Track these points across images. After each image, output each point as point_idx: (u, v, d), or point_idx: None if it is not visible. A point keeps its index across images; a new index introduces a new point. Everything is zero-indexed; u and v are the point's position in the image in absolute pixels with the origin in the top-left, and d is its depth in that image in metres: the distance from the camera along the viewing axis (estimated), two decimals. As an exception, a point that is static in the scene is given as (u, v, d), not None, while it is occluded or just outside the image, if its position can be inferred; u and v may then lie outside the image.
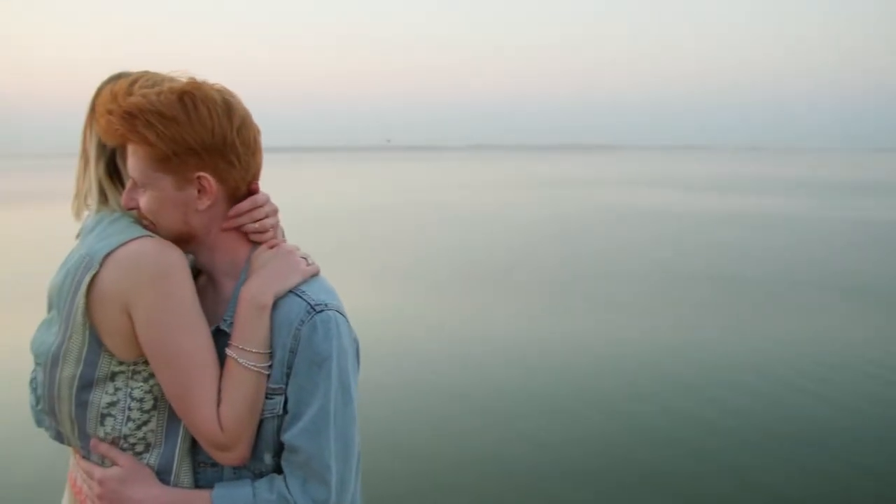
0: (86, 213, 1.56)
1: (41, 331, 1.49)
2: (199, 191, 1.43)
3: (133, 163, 1.42)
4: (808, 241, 17.06)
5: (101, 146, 1.52)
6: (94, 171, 1.53)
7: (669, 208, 24.61)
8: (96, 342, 1.40)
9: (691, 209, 24.25)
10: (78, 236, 1.53)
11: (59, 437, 1.51)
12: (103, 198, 1.52)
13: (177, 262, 1.40)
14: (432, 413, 6.05)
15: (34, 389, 1.52)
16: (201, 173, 1.41)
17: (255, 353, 1.41)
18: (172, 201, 1.43)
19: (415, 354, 7.69)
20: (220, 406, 1.40)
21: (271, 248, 1.50)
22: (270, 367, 1.42)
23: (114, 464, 1.45)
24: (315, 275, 1.51)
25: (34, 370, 1.51)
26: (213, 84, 1.42)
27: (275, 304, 1.43)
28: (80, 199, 1.56)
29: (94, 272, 1.37)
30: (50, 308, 1.48)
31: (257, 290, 1.42)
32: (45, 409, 1.48)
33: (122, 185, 1.52)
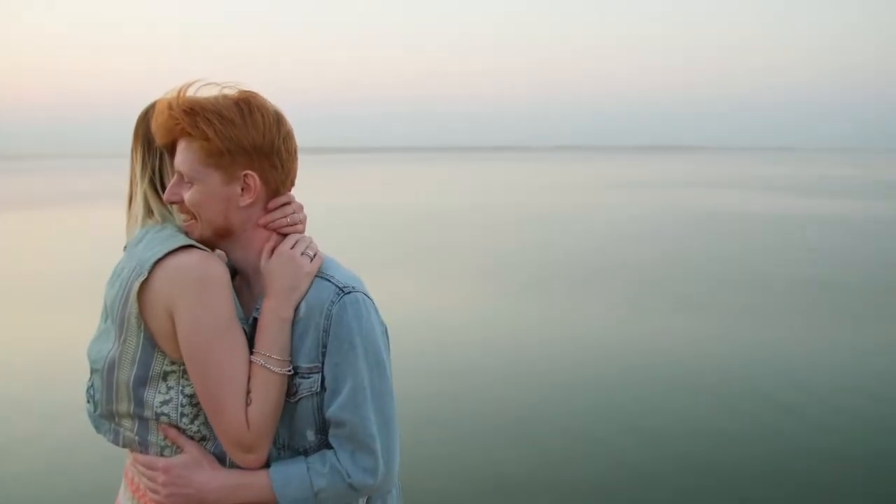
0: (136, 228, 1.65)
1: (97, 340, 1.58)
2: (242, 188, 1.53)
3: (184, 157, 1.51)
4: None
5: (144, 165, 1.63)
6: (140, 186, 1.63)
7: (756, 210, 23.83)
8: (150, 344, 1.50)
9: (777, 211, 23.38)
10: (125, 248, 1.62)
11: (118, 441, 1.59)
12: (149, 212, 1.62)
13: (219, 274, 1.50)
14: (522, 413, 5.91)
15: (91, 397, 1.60)
16: (248, 171, 1.52)
17: (280, 359, 1.51)
18: (217, 196, 1.52)
19: (499, 354, 7.58)
20: (249, 407, 1.50)
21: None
22: (291, 370, 1.52)
23: (180, 450, 1.54)
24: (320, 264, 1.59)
25: (90, 378, 1.60)
26: (264, 98, 1.55)
27: None
28: (131, 225, 1.65)
29: (143, 279, 1.47)
30: (105, 318, 1.57)
31: (277, 306, 1.52)
32: (104, 413, 1.57)
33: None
